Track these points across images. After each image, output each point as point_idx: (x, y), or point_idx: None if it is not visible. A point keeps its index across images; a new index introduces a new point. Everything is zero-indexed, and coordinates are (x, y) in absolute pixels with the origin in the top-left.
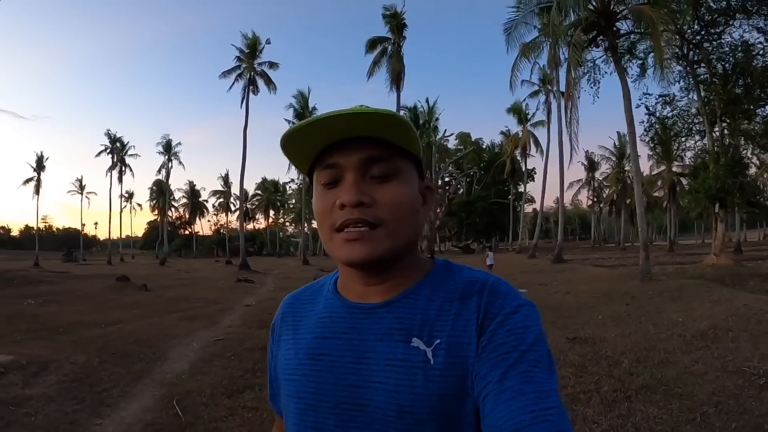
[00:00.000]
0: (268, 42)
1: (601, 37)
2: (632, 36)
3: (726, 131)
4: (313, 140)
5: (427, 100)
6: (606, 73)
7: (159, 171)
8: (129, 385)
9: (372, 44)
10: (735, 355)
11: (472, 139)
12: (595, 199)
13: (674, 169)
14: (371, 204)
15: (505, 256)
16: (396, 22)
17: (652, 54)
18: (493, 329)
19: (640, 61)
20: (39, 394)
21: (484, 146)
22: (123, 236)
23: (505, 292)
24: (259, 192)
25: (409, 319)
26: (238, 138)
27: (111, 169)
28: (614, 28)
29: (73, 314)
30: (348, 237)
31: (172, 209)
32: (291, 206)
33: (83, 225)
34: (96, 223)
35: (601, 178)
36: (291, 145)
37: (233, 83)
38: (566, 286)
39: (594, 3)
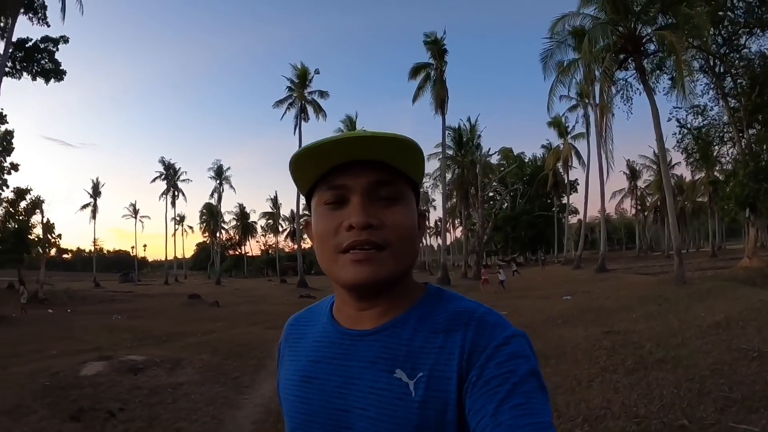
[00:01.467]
0: (316, 72)
1: (630, 59)
2: (660, 53)
3: (753, 139)
4: (323, 160)
5: (469, 119)
6: (637, 90)
7: (212, 195)
8: (253, 374)
9: (415, 71)
10: (740, 338)
11: (514, 154)
12: (639, 208)
13: (716, 174)
14: (379, 226)
15: (551, 267)
16: (437, 48)
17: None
18: (482, 363)
19: (670, 76)
20: (187, 381)
21: (526, 160)
22: (173, 257)
23: (493, 324)
24: (307, 212)
25: (394, 349)
26: (284, 160)
27: (165, 193)
28: (642, 50)
29: (164, 326)
30: (355, 258)
31: (222, 231)
32: None
33: (133, 247)
34: (145, 246)
35: (643, 186)
36: (301, 163)
37: (285, 112)
38: (607, 293)
39: (621, 28)
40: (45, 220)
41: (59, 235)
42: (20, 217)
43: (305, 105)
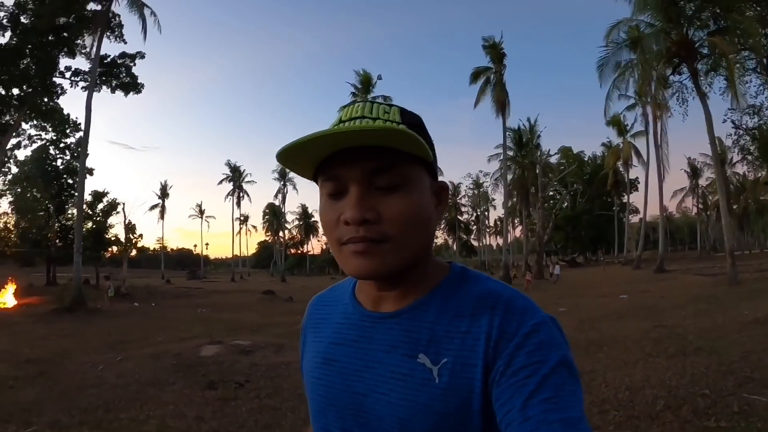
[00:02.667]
0: (379, 78)
1: (684, 64)
2: (714, 57)
3: None
4: (313, 152)
5: (528, 119)
6: (693, 92)
7: (276, 195)
8: None
9: (475, 76)
10: None
11: (574, 153)
12: (701, 207)
13: None
14: (377, 220)
15: (611, 268)
16: (495, 52)
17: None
18: (511, 352)
19: (725, 76)
20: (296, 360)
21: (586, 159)
22: (234, 256)
23: (522, 309)
24: None
25: (416, 333)
26: None
27: (231, 194)
28: (694, 55)
29: (250, 318)
30: (355, 249)
31: (285, 230)
32: None
33: (195, 245)
34: (207, 244)
35: (705, 185)
36: (289, 159)
37: None
38: (663, 292)
39: (674, 34)
40: (127, 222)
41: (140, 235)
42: (98, 218)
43: None
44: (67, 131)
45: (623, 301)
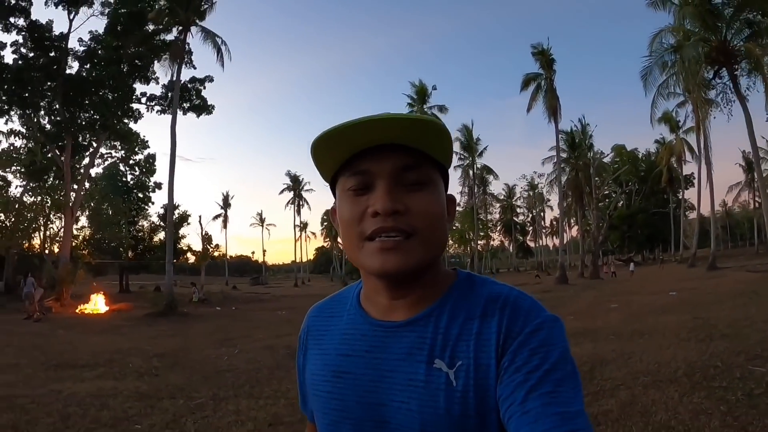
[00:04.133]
0: (434, 88)
1: (723, 68)
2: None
3: None
4: (346, 145)
5: (580, 120)
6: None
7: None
8: None
9: (526, 82)
10: None
11: (627, 151)
12: (759, 201)
13: None
14: (405, 212)
15: (667, 266)
16: (545, 59)
17: None
18: (515, 349)
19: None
20: None
21: (640, 156)
22: (293, 262)
23: (528, 308)
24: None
25: (431, 339)
26: None
27: (291, 203)
28: (733, 60)
29: None
30: (383, 246)
31: None
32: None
33: (253, 252)
34: (264, 251)
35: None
36: (323, 149)
37: None
38: (710, 289)
39: (713, 39)
40: (204, 233)
41: (216, 245)
42: None
43: None
44: (136, 149)
45: (671, 297)
